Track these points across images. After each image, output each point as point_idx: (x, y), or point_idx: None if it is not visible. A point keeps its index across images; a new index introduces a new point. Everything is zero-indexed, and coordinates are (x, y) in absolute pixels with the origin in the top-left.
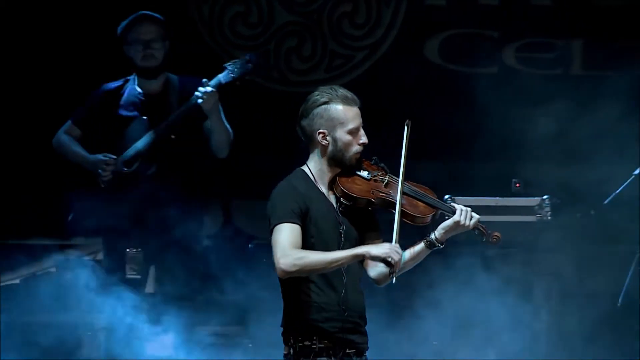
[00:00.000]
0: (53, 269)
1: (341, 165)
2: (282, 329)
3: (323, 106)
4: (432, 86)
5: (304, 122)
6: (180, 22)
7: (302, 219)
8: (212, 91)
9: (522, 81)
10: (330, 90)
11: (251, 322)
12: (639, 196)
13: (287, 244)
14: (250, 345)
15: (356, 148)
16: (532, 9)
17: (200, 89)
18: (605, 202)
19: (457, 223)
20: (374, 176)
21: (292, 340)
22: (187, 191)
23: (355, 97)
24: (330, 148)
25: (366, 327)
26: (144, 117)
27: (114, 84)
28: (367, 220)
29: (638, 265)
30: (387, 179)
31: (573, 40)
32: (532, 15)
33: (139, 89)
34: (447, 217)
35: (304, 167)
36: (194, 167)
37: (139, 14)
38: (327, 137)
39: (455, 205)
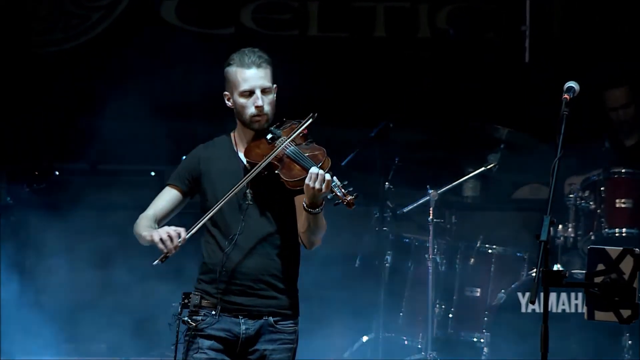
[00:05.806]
0: None
1: (248, 128)
2: None
3: (226, 69)
4: (170, 47)
5: None
6: None
7: (193, 182)
8: None
9: (258, 42)
10: (237, 53)
11: None
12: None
13: (151, 207)
14: None
15: (251, 110)
16: None
17: None
18: (343, 163)
19: (307, 187)
20: (274, 140)
21: (182, 297)
22: None
23: (254, 59)
24: (235, 111)
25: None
26: None
27: None
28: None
29: (377, 226)
30: (278, 142)
31: (309, 2)
32: None
33: None
34: None
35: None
36: None
37: None
38: (231, 100)
39: (313, 168)
